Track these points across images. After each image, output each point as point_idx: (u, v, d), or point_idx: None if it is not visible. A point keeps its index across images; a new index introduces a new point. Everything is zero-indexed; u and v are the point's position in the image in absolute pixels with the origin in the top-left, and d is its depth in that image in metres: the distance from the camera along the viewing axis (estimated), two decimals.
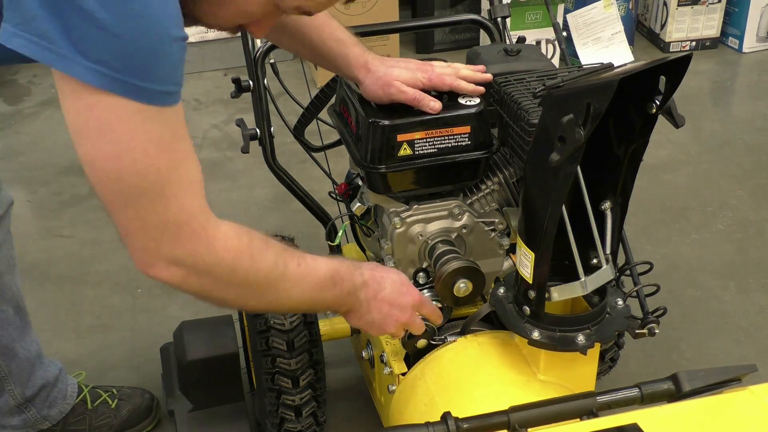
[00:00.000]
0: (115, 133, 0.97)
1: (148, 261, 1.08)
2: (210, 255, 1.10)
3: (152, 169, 1.01)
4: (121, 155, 0.99)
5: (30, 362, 1.75)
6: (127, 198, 1.03)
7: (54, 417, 1.83)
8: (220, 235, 1.10)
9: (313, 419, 1.69)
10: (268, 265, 1.17)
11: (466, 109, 1.46)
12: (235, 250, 1.12)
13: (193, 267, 1.10)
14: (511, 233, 1.55)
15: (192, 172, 1.07)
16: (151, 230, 1.05)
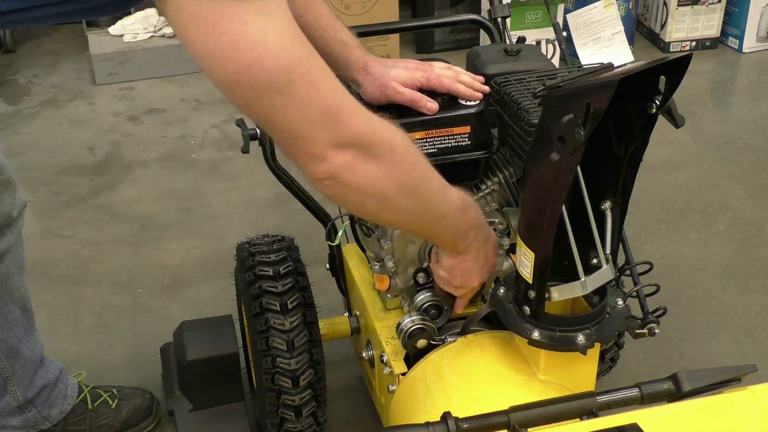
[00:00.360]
0: (248, 40, 0.94)
1: (317, 154, 1.06)
2: (373, 132, 1.10)
3: (294, 59, 0.99)
4: (263, 57, 0.96)
5: (33, 364, 1.76)
6: (284, 97, 1.00)
7: (54, 417, 1.83)
8: (373, 115, 1.10)
9: (313, 419, 1.69)
10: (415, 156, 1.18)
11: (466, 109, 1.46)
12: (390, 129, 1.13)
13: (364, 147, 1.09)
14: (511, 233, 1.55)
15: (320, 59, 1.05)
16: (314, 119, 1.03)
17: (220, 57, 0.96)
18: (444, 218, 1.28)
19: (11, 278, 1.68)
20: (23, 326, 1.73)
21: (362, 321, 1.73)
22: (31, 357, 1.75)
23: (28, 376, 1.76)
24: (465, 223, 1.31)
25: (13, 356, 1.72)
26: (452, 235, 1.31)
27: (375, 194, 1.15)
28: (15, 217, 1.65)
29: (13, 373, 1.73)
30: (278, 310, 1.60)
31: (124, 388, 1.95)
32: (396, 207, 1.20)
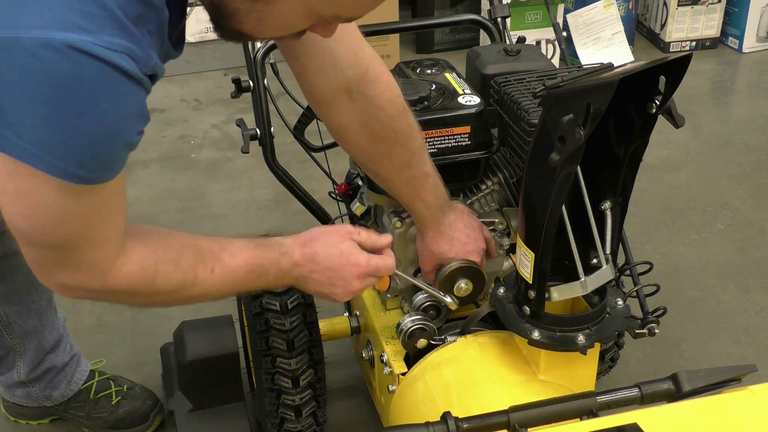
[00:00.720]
0: (30, 202, 0.98)
1: (44, 279, 1.11)
2: (103, 287, 1.13)
3: (61, 235, 1.02)
4: (31, 223, 1.00)
5: (45, 350, 1.83)
6: (31, 247, 1.05)
7: (56, 398, 1.89)
8: (120, 276, 1.12)
9: (313, 419, 1.69)
10: (174, 283, 1.19)
11: (466, 109, 1.46)
12: (136, 282, 1.15)
13: (87, 293, 1.14)
14: (511, 233, 1.55)
15: (110, 231, 1.08)
16: (51, 268, 1.08)
17: (9, 198, 0.99)
18: (235, 292, 1.29)
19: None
20: (45, 314, 1.81)
21: (362, 321, 1.73)
22: (45, 344, 1.83)
23: (37, 359, 1.83)
24: (267, 282, 1.29)
25: (29, 339, 1.80)
26: (263, 286, 1.31)
27: (116, 303, 1.23)
28: None
29: (24, 352, 1.81)
30: (278, 310, 1.60)
31: (137, 387, 1.97)
32: (144, 307, 1.35)
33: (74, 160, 0.93)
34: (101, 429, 1.92)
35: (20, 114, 0.88)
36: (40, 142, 0.90)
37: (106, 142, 0.93)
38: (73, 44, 0.85)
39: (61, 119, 0.89)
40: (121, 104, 0.92)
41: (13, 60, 0.85)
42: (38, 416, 1.95)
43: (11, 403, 1.93)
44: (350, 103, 1.34)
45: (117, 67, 0.88)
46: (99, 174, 0.97)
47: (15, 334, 1.78)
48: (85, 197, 0.99)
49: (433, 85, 1.54)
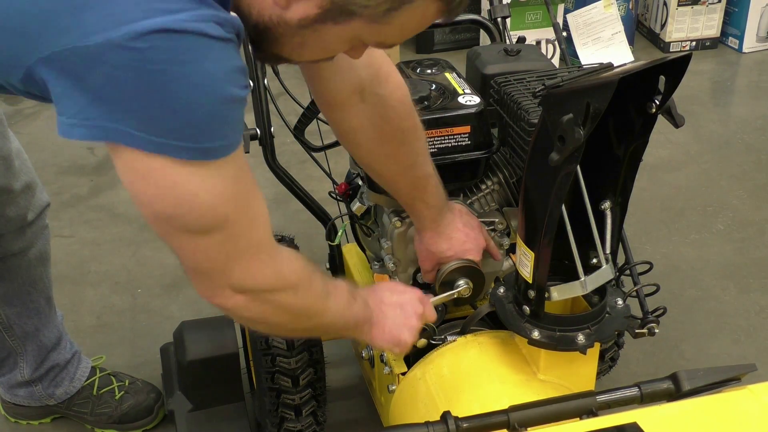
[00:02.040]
0: (175, 196, 0.98)
1: (215, 290, 1.10)
2: (278, 280, 1.14)
3: (221, 216, 1.02)
4: (186, 214, 1.00)
5: (46, 348, 1.85)
6: (196, 240, 1.04)
7: (59, 396, 1.91)
8: (285, 260, 1.14)
9: (312, 418, 1.69)
10: (318, 286, 1.21)
11: (466, 109, 1.46)
12: (298, 273, 1.17)
13: (260, 294, 1.13)
14: (511, 233, 1.55)
15: (258, 207, 1.08)
16: (221, 262, 1.07)
17: (147, 201, 1.00)
18: (343, 318, 1.29)
19: (34, 270, 1.77)
20: (45, 314, 1.82)
21: None
22: (46, 342, 1.84)
23: (39, 358, 1.84)
24: (359, 308, 1.30)
25: (29, 339, 1.81)
26: (355, 323, 1.31)
27: (267, 324, 1.23)
28: (32, 220, 1.72)
29: (25, 352, 1.82)
30: None
31: (138, 381, 1.99)
32: (288, 330, 1.34)
33: (199, 135, 0.94)
34: (106, 424, 1.93)
35: (141, 110, 0.91)
36: (163, 128, 0.92)
37: (218, 106, 0.94)
38: (162, 27, 0.87)
39: (174, 99, 0.90)
40: (220, 67, 0.93)
41: (114, 61, 0.87)
42: (40, 415, 1.95)
43: (11, 403, 1.94)
44: (362, 105, 1.34)
45: (207, 35, 0.90)
46: (225, 140, 0.97)
47: (15, 335, 1.79)
48: (224, 171, 0.99)
49: (433, 85, 1.54)
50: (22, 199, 1.67)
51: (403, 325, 1.35)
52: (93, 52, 0.87)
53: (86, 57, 0.88)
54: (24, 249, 1.73)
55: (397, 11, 0.98)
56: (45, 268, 1.81)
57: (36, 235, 1.75)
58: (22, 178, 1.66)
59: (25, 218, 1.69)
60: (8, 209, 1.65)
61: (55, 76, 0.91)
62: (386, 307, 1.35)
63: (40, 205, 1.73)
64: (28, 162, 1.69)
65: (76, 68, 0.89)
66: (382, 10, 0.98)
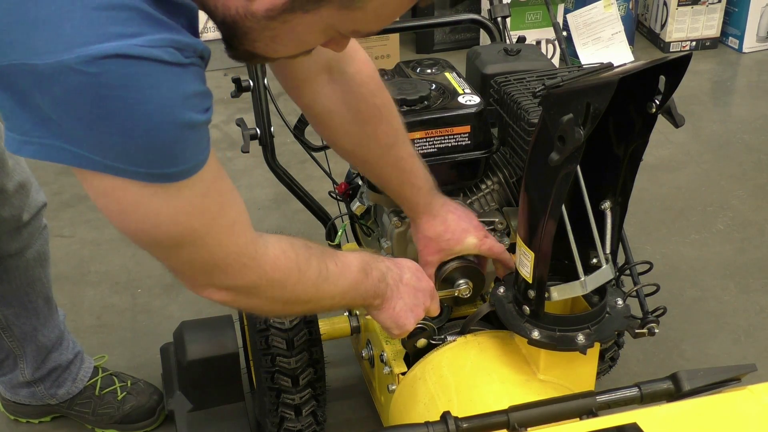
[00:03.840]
0: (138, 214, 0.97)
1: (198, 288, 1.11)
2: (261, 279, 1.12)
3: (187, 231, 1.01)
4: (149, 230, 0.99)
5: (47, 348, 1.84)
6: (169, 251, 1.04)
7: (61, 396, 1.90)
8: (269, 259, 1.12)
9: (312, 418, 1.69)
10: (314, 273, 1.19)
11: (466, 108, 1.46)
12: (285, 269, 1.14)
13: (245, 290, 1.13)
14: (511, 233, 1.55)
15: (232, 214, 1.06)
16: (200, 269, 1.07)
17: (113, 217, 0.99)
18: (350, 295, 1.27)
19: (32, 271, 1.76)
20: (44, 314, 1.81)
21: (362, 320, 1.73)
22: (46, 342, 1.83)
23: (40, 359, 1.83)
24: (372, 283, 1.29)
25: (28, 340, 1.81)
26: (363, 299, 1.30)
27: (259, 311, 1.24)
28: (27, 220, 1.70)
29: (24, 353, 1.82)
30: None
31: (140, 382, 1.98)
32: (282, 314, 1.37)
33: (158, 161, 0.92)
34: (107, 425, 1.92)
35: (95, 136, 0.88)
36: (120, 154, 0.90)
37: (175, 132, 0.91)
38: (116, 52, 0.84)
39: (129, 126, 0.88)
40: (176, 94, 0.90)
41: (66, 84, 0.84)
42: (40, 414, 1.95)
43: (12, 402, 1.94)
44: (331, 85, 1.32)
45: (163, 61, 0.87)
46: (184, 165, 0.95)
47: (14, 336, 1.79)
48: (187, 191, 0.97)
49: (433, 85, 1.54)
50: (16, 199, 1.66)
51: (410, 310, 1.35)
52: (44, 72, 0.84)
53: (36, 76, 0.84)
54: (21, 250, 1.72)
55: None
56: (43, 268, 1.80)
57: (33, 236, 1.74)
58: (16, 178, 1.64)
59: (20, 219, 1.68)
60: (2, 210, 1.64)
61: (1, 91, 0.88)
62: (404, 287, 1.34)
63: (35, 206, 1.72)
64: (22, 162, 1.67)
65: (23, 85, 0.86)
66: None
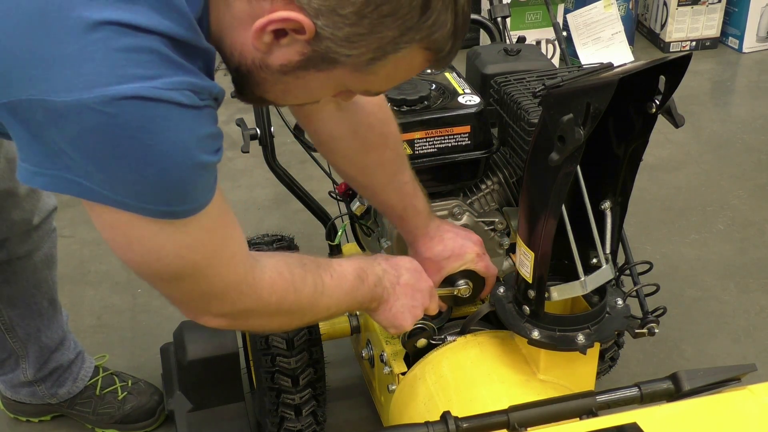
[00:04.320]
0: (143, 247, 0.98)
1: (196, 316, 1.12)
2: (257, 303, 1.13)
3: (189, 265, 1.02)
4: (152, 263, 1.00)
5: (49, 349, 1.84)
6: (169, 283, 1.05)
7: (62, 395, 1.91)
8: (265, 284, 1.13)
9: (312, 418, 1.69)
10: (310, 290, 1.20)
11: (466, 108, 1.46)
12: (281, 291, 1.15)
13: (241, 316, 1.14)
14: (511, 233, 1.55)
15: (233, 247, 1.07)
16: (198, 299, 1.08)
17: (117, 249, 1.00)
18: (347, 304, 1.28)
19: (39, 273, 1.76)
20: (48, 316, 1.82)
21: (362, 320, 1.73)
22: (49, 343, 1.84)
23: (42, 360, 1.84)
24: (368, 289, 1.30)
25: (31, 341, 1.81)
26: (360, 305, 1.31)
27: (259, 331, 1.28)
28: (37, 224, 1.71)
29: (27, 353, 1.82)
30: None
31: (141, 382, 1.99)
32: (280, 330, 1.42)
33: (168, 199, 0.94)
34: (108, 425, 1.93)
35: (107, 173, 0.90)
36: (132, 191, 0.91)
37: (188, 173, 0.93)
38: (135, 94, 0.85)
39: (143, 166, 0.89)
40: (191, 136, 0.92)
41: (83, 123, 0.86)
42: (40, 413, 1.95)
43: (12, 400, 1.94)
44: (339, 113, 1.33)
45: (180, 104, 0.89)
46: (193, 204, 0.97)
47: (17, 337, 1.79)
48: (193, 227, 0.99)
49: (433, 85, 1.54)
50: (27, 203, 1.67)
51: (408, 310, 1.35)
52: (61, 109, 0.85)
53: (53, 112, 0.86)
54: (30, 252, 1.72)
55: (381, 61, 0.96)
56: (50, 270, 1.81)
57: (42, 239, 1.75)
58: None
59: (31, 222, 1.69)
60: (13, 213, 1.65)
61: (16, 123, 0.89)
62: (401, 288, 1.34)
63: (46, 209, 1.73)
64: None
65: (40, 120, 0.87)
66: (365, 60, 0.96)
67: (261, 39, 0.95)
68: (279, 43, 0.95)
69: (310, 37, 0.93)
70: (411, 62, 0.99)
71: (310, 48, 0.95)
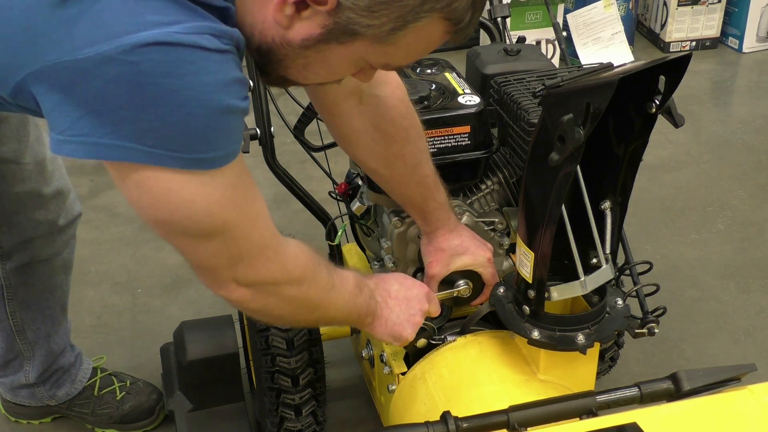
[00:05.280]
0: (171, 203, 0.98)
1: (220, 284, 1.11)
2: (283, 275, 1.14)
3: (219, 222, 1.02)
4: (182, 219, 1.00)
5: (54, 355, 1.85)
6: (198, 242, 1.05)
7: (60, 397, 1.91)
8: (290, 255, 1.14)
9: (312, 418, 1.69)
10: (323, 279, 1.21)
11: (466, 109, 1.46)
12: (303, 267, 1.17)
13: (265, 287, 1.14)
14: (511, 233, 1.55)
15: (258, 208, 1.08)
16: (225, 262, 1.08)
17: (144, 208, 0.99)
18: (348, 309, 1.29)
19: (55, 277, 1.77)
20: (58, 321, 1.83)
21: None
22: (55, 349, 1.84)
23: (47, 364, 1.84)
24: (365, 300, 1.31)
25: (39, 345, 1.81)
26: (358, 315, 1.32)
27: (270, 316, 1.25)
28: (63, 226, 1.72)
29: (33, 356, 1.82)
30: None
31: (139, 382, 1.99)
32: (292, 321, 1.39)
33: (195, 146, 0.93)
34: (107, 425, 1.93)
35: (134, 122, 0.90)
36: (158, 139, 0.91)
37: (214, 117, 0.93)
38: (155, 40, 0.86)
39: (169, 111, 0.89)
40: (216, 79, 0.92)
41: (106, 74, 0.86)
42: (40, 415, 1.95)
43: (12, 403, 1.94)
44: (360, 106, 1.34)
45: (202, 47, 0.89)
46: (219, 151, 0.96)
47: (27, 339, 1.79)
48: (220, 180, 0.98)
49: (433, 85, 1.54)
50: (53, 204, 1.68)
51: (406, 320, 1.36)
52: (84, 66, 0.86)
53: (77, 70, 0.86)
54: (51, 256, 1.73)
55: (401, 31, 0.97)
56: (66, 276, 1.81)
57: (65, 244, 1.75)
58: (54, 184, 1.67)
59: (56, 223, 1.70)
60: (37, 213, 1.66)
61: (45, 91, 0.90)
62: (392, 300, 1.35)
63: (72, 213, 1.74)
64: (62, 169, 1.71)
65: (66, 82, 0.88)
66: (386, 30, 0.96)
67: (282, 12, 0.95)
68: (300, 15, 0.96)
69: (331, 8, 0.94)
70: (431, 33, 0.99)
71: (331, 20, 0.95)
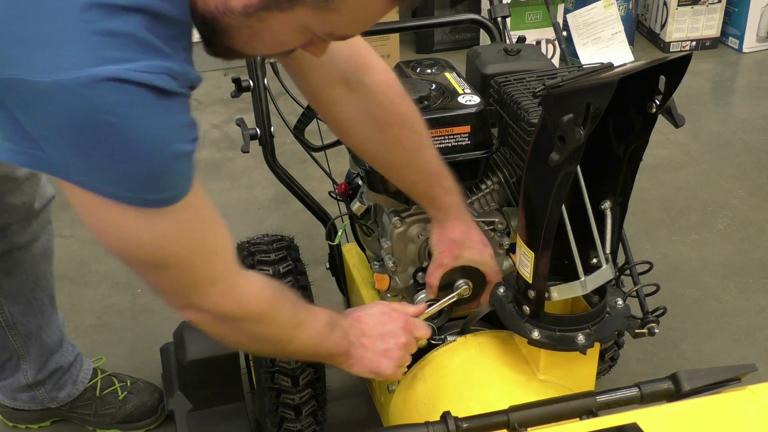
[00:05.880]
0: (120, 234, 1.00)
1: (178, 307, 1.14)
2: (240, 310, 1.14)
3: (167, 254, 1.03)
4: (131, 250, 1.02)
5: (50, 349, 1.84)
6: (150, 271, 1.07)
7: (62, 399, 1.90)
8: (249, 291, 1.14)
9: (312, 418, 1.69)
10: (287, 316, 1.21)
11: (466, 108, 1.46)
12: (262, 304, 1.17)
13: (221, 316, 1.14)
14: (511, 233, 1.55)
15: (215, 242, 1.08)
16: (180, 290, 1.10)
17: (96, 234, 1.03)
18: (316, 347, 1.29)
19: (38, 266, 1.77)
20: (48, 313, 1.82)
21: None
22: (48, 343, 1.83)
23: (43, 360, 1.83)
24: (336, 340, 1.30)
25: (32, 340, 1.81)
26: (328, 354, 1.32)
27: (228, 343, 1.25)
28: (38, 209, 1.72)
29: (28, 353, 1.82)
30: None
31: (140, 381, 1.99)
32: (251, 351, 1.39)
33: (143, 187, 0.94)
34: (109, 425, 1.92)
35: (83, 157, 0.91)
36: (106, 178, 0.92)
37: (163, 163, 0.94)
38: (112, 76, 0.86)
39: (118, 152, 0.90)
40: (167, 124, 0.93)
41: (61, 104, 0.86)
42: (40, 419, 1.95)
43: (11, 408, 1.92)
44: (350, 94, 1.33)
45: (156, 88, 0.89)
46: (169, 193, 0.97)
47: (19, 335, 1.79)
48: (169, 217, 0.99)
49: (433, 85, 1.54)
50: (27, 186, 1.67)
51: (381, 355, 1.35)
52: (40, 90, 0.86)
53: (32, 92, 0.86)
54: (29, 243, 1.73)
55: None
56: (49, 264, 1.81)
57: (42, 228, 1.75)
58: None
59: (32, 207, 1.69)
60: (12, 197, 1.65)
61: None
62: (366, 339, 1.35)
63: (45, 196, 1.73)
64: None
65: (19, 100, 0.88)
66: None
67: None
68: None
69: None
70: (373, 1, 0.97)
71: None
